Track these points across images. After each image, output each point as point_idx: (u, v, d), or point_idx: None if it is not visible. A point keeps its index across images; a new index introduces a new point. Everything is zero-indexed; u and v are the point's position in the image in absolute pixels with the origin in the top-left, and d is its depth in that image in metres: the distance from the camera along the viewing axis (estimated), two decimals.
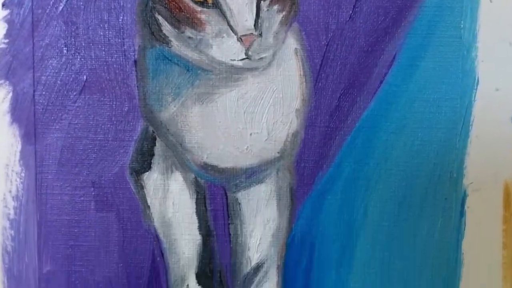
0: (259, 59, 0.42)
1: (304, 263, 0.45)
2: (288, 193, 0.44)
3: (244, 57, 0.41)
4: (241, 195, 0.44)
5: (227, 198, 0.44)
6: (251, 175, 0.44)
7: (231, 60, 0.42)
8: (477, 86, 0.44)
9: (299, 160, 0.44)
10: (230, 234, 0.45)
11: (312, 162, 0.44)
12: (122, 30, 0.43)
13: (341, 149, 0.44)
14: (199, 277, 0.45)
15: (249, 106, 0.43)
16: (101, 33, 0.43)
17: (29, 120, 0.44)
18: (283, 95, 0.43)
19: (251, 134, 0.44)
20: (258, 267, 0.44)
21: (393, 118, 0.44)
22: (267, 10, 0.41)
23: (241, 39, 0.41)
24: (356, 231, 0.44)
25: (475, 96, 0.44)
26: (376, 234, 0.44)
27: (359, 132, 0.44)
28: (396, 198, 0.44)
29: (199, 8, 0.41)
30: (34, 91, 0.44)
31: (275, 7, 0.41)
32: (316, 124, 0.44)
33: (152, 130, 0.44)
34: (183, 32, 0.41)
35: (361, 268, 0.45)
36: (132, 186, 0.44)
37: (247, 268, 0.45)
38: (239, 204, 0.44)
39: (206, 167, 0.44)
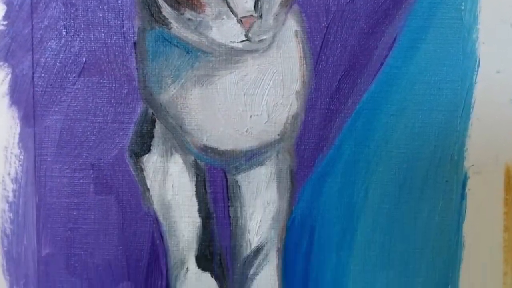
0: (259, 41, 0.42)
1: (304, 245, 0.44)
2: (288, 176, 0.44)
3: (244, 39, 0.41)
4: (241, 178, 0.44)
5: (227, 181, 0.44)
6: (251, 157, 0.44)
7: (231, 42, 0.41)
8: (478, 68, 0.43)
9: (299, 142, 0.44)
10: (230, 217, 0.44)
11: (312, 145, 0.44)
12: (121, 12, 0.43)
13: (342, 131, 0.44)
14: (199, 259, 0.45)
15: (249, 88, 0.43)
16: (100, 15, 0.43)
17: (28, 102, 0.44)
18: (283, 77, 0.43)
19: (251, 117, 0.43)
20: (258, 250, 0.44)
21: (394, 100, 0.44)
22: None
23: (241, 20, 0.40)
24: (356, 213, 0.44)
25: (476, 78, 0.43)
26: (376, 217, 0.44)
27: (360, 114, 0.44)
28: (396, 181, 0.44)
29: None
30: (33, 73, 0.43)
31: None
32: (316, 106, 0.44)
33: (152, 113, 0.44)
34: (182, 14, 0.41)
35: (362, 251, 0.44)
36: (131, 169, 0.44)
37: (247, 251, 0.44)
38: (239, 186, 0.44)
39: (205, 149, 0.44)
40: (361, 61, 0.44)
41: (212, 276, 0.45)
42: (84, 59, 0.43)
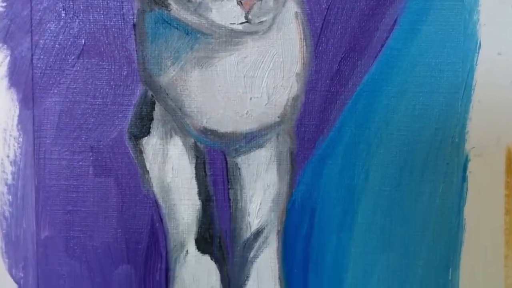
0: (259, 22, 0.41)
1: (304, 228, 0.44)
2: (289, 158, 0.44)
3: (244, 20, 0.41)
4: (241, 160, 0.44)
5: (226, 163, 0.44)
6: (251, 139, 0.43)
7: (230, 23, 0.41)
8: (479, 50, 0.42)
9: (300, 124, 0.44)
10: (230, 199, 0.44)
11: (312, 127, 0.44)
12: None
13: (342, 113, 0.44)
14: (199, 242, 0.44)
15: (249, 71, 0.43)
16: None
17: (27, 85, 0.43)
18: (284, 59, 0.43)
19: (251, 99, 0.43)
20: (258, 233, 0.44)
21: (394, 82, 0.43)
22: None
23: (241, 2, 0.40)
24: (357, 196, 0.44)
25: (477, 60, 0.43)
26: (377, 199, 0.44)
27: (360, 96, 0.43)
28: (397, 163, 0.44)
29: None
30: (32, 55, 0.43)
31: None
32: (316, 88, 0.43)
33: (151, 95, 0.43)
34: None
35: (362, 233, 0.44)
36: (131, 151, 0.44)
37: (247, 234, 0.44)
38: (239, 169, 0.43)
39: (205, 131, 0.43)
40: (362, 43, 0.43)
41: (212, 259, 0.44)
42: (83, 41, 0.43)
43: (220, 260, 0.44)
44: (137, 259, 0.44)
